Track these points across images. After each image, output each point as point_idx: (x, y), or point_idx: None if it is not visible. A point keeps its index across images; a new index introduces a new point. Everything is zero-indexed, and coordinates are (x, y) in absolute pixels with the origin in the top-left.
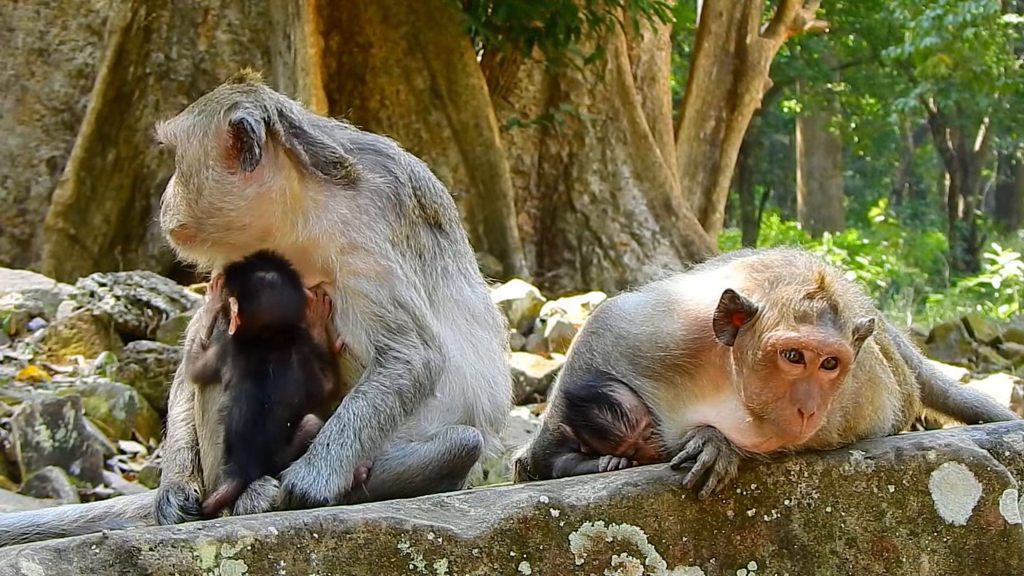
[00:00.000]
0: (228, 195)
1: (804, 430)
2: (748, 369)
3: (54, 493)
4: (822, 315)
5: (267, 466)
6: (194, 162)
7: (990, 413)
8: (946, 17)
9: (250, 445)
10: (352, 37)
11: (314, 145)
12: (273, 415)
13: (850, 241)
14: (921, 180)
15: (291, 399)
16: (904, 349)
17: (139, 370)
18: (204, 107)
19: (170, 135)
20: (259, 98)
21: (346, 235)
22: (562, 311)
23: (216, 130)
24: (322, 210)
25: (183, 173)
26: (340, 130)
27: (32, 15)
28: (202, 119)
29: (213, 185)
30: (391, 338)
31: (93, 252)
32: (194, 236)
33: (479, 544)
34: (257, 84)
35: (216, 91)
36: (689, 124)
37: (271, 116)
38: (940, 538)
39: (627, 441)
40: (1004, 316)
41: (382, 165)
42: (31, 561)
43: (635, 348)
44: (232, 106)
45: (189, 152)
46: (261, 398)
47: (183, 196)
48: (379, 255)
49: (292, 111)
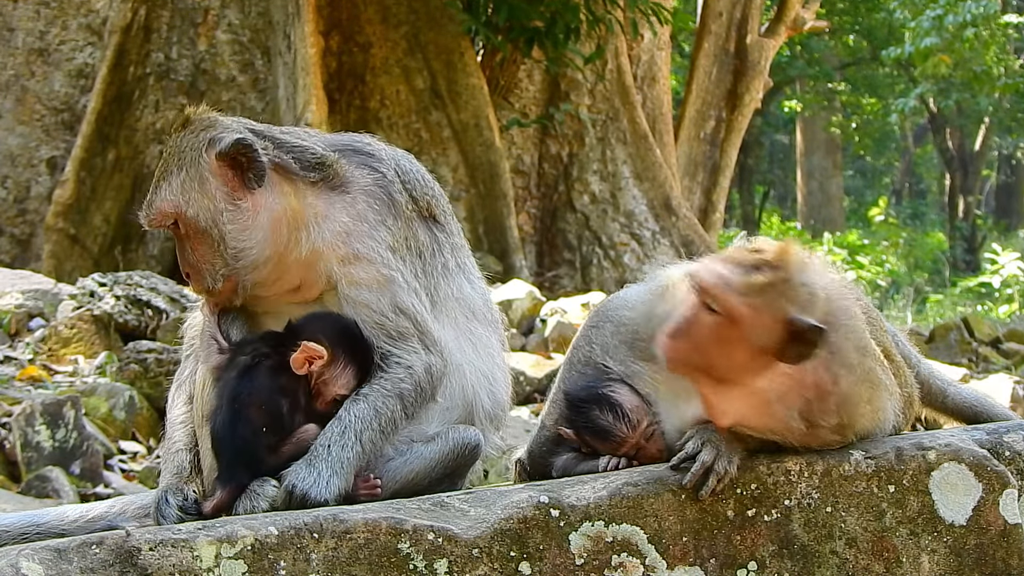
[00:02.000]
0: (246, 230)
1: (666, 353)
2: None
3: (54, 493)
4: (744, 265)
5: (253, 470)
6: (206, 213)
7: (989, 412)
8: (946, 17)
9: (227, 448)
10: (352, 37)
11: (293, 151)
12: (243, 417)
13: (850, 241)
14: (921, 180)
15: (260, 402)
16: (903, 348)
17: (139, 370)
18: (180, 162)
19: (169, 207)
20: (224, 123)
21: (348, 245)
22: (562, 311)
23: (210, 169)
24: (323, 219)
25: (201, 231)
26: (310, 136)
27: (32, 15)
28: (190, 171)
29: (232, 226)
30: (393, 344)
31: (93, 252)
32: (235, 287)
33: (479, 544)
34: (211, 114)
35: (177, 144)
36: (689, 124)
37: (246, 134)
38: (940, 538)
39: (629, 442)
40: (1004, 316)
41: (365, 164)
42: (31, 561)
43: (634, 332)
44: (209, 142)
45: (198, 207)
46: (233, 402)
47: (208, 255)
48: (381, 264)
49: (257, 126)
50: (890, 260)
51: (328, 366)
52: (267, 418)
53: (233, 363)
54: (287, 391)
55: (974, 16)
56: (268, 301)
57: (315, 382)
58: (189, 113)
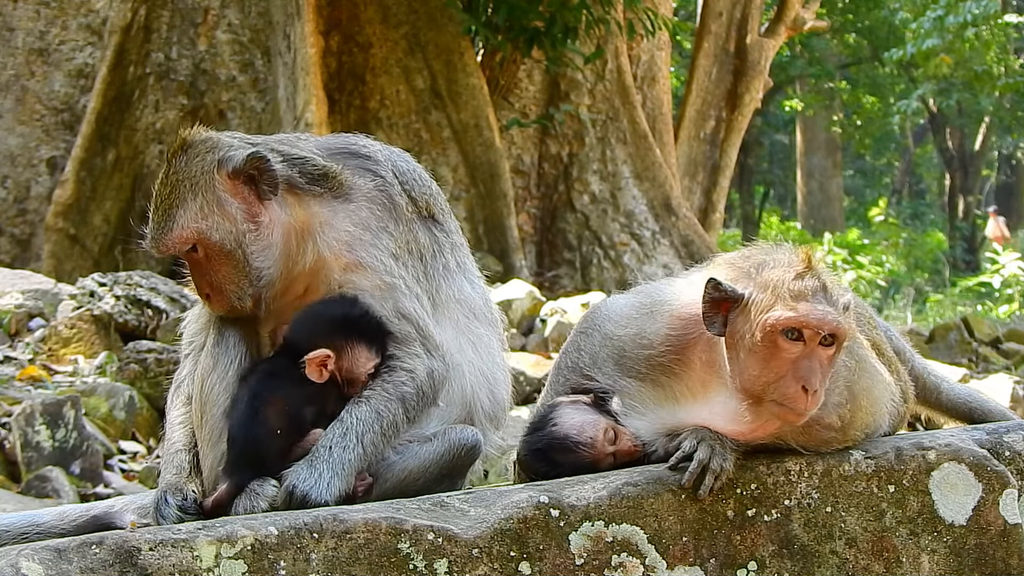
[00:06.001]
0: (268, 247)
1: (808, 407)
2: (746, 353)
3: (54, 493)
4: (815, 293)
5: (259, 470)
6: (230, 235)
7: (983, 408)
8: (947, 18)
9: (239, 446)
10: (352, 37)
11: (295, 163)
12: (260, 418)
13: (850, 241)
14: (921, 180)
15: (282, 406)
16: (896, 343)
17: (139, 370)
18: (193, 187)
19: (191, 233)
20: (225, 141)
21: (351, 253)
22: (562, 311)
23: (225, 189)
24: (327, 228)
25: (225, 253)
26: (303, 141)
27: (32, 15)
28: (206, 195)
29: (255, 246)
30: (395, 348)
31: (93, 252)
32: (259, 302)
33: (479, 544)
34: (209, 134)
35: (183, 169)
36: (689, 124)
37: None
38: (940, 538)
39: (599, 457)
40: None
41: (364, 168)
42: (31, 561)
43: (620, 349)
44: (218, 163)
45: (223, 231)
46: (253, 400)
47: (233, 275)
48: (383, 272)
49: (254, 138)
50: (890, 260)
51: (340, 358)
52: (285, 421)
53: (256, 369)
54: (314, 399)
55: (975, 16)
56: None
57: (340, 377)
58: (185, 136)
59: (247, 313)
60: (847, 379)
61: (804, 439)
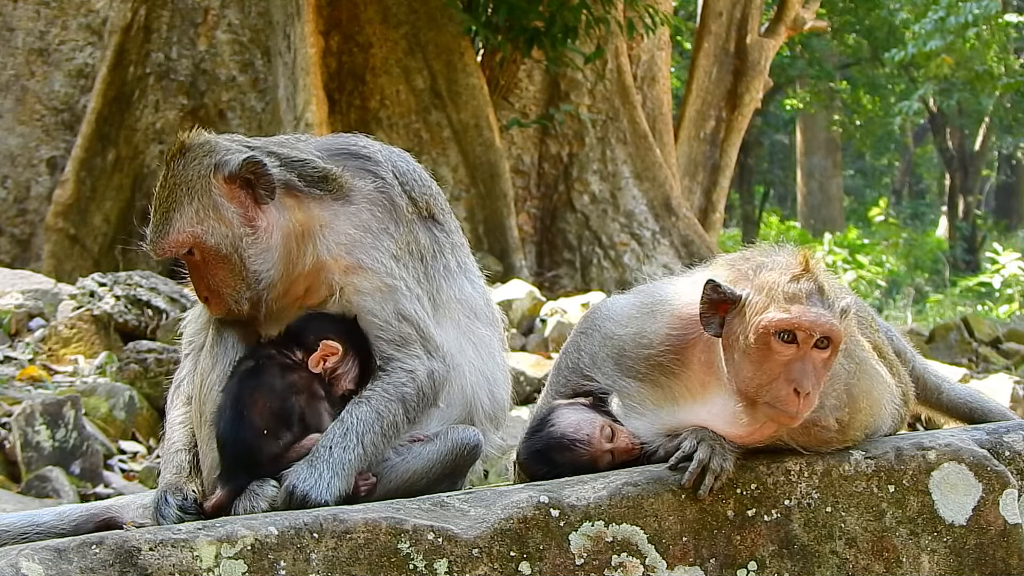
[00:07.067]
0: (266, 251)
1: (800, 409)
2: (740, 355)
3: (54, 493)
4: (810, 295)
5: (255, 472)
6: (226, 239)
7: (983, 408)
8: (948, 18)
9: (230, 452)
10: (352, 37)
11: (295, 165)
12: (246, 422)
13: (850, 241)
14: (921, 180)
15: (264, 405)
16: (897, 343)
17: (139, 370)
18: (189, 191)
19: (187, 236)
20: (223, 145)
21: (352, 255)
22: (562, 311)
23: (222, 193)
24: (328, 230)
25: (221, 258)
26: (303, 142)
27: (32, 15)
28: (202, 199)
29: (252, 250)
30: (395, 349)
31: (93, 252)
32: (258, 305)
33: (479, 544)
34: (207, 138)
35: (180, 173)
36: (689, 124)
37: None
38: (940, 538)
39: (597, 456)
40: (1004, 316)
41: (364, 169)
42: (31, 561)
43: (620, 349)
44: (215, 167)
45: (218, 235)
46: (236, 404)
47: (229, 279)
48: (384, 274)
49: (253, 141)
50: (890, 260)
51: (340, 361)
52: (273, 420)
53: (238, 368)
54: (299, 388)
55: (975, 16)
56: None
57: (328, 378)
58: (183, 140)
59: (245, 316)
60: (847, 381)
61: (804, 439)
